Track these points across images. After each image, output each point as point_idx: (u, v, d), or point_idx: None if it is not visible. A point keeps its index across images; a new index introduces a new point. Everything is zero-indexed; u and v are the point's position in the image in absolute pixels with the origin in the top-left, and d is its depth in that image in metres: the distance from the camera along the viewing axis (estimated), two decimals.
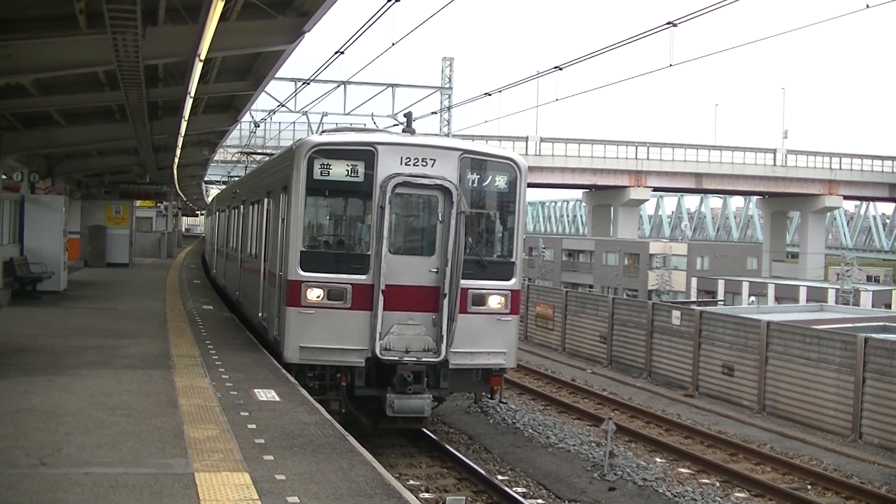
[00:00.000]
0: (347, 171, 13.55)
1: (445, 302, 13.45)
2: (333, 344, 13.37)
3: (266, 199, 16.90)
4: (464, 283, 13.58)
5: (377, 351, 13.25)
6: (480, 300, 13.93)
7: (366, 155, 13.48)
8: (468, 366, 14.03)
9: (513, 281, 14.27)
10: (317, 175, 13.49)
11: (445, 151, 13.82)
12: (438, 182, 13.46)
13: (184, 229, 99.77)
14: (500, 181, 14.17)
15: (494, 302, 14.03)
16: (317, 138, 14.26)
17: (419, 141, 14.21)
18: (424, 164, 13.49)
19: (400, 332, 13.42)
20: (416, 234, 14.18)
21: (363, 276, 13.39)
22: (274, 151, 33.04)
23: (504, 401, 19.29)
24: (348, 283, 13.39)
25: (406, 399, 13.19)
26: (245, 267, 20.28)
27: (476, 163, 13.99)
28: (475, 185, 14.05)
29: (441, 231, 13.58)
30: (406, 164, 13.44)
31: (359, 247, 13.86)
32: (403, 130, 15.40)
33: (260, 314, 16.58)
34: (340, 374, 13.52)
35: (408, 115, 15.91)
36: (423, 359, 13.42)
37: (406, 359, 13.32)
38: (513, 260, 14.33)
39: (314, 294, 13.39)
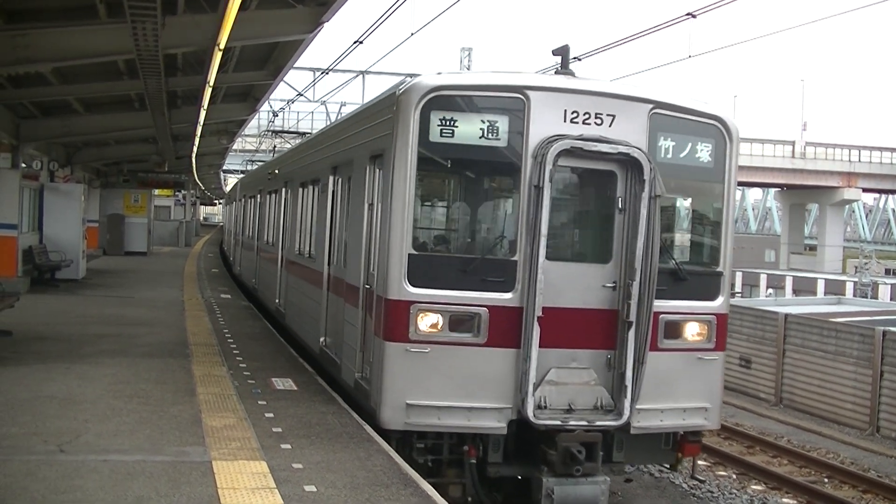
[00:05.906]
0: (483, 130, 8.92)
1: (631, 333, 9.00)
2: (459, 400, 8.84)
3: (332, 178, 12.32)
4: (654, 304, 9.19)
5: (529, 410, 8.74)
6: (675, 330, 9.44)
7: (511, 105, 8.98)
8: (656, 429, 9.49)
9: (719, 301, 9.71)
10: (434, 136, 8.87)
11: (630, 104, 9.27)
12: (623, 150, 8.97)
13: (202, 218, 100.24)
14: (703, 152, 9.65)
15: (693, 332, 9.55)
16: (434, 79, 9.09)
17: (591, 86, 9.33)
18: (598, 121, 9.07)
19: (559, 378, 9.01)
20: (583, 229, 10.01)
21: (507, 295, 8.91)
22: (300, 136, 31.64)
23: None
24: (483, 304, 8.87)
25: (573, 486, 8.80)
26: (292, 271, 15.84)
27: (671, 122, 9.47)
28: (668, 156, 9.44)
29: (621, 225, 9.20)
30: (572, 121, 9.01)
31: (499, 249, 9.31)
32: (557, 72, 10.18)
33: (322, 340, 12.35)
34: (468, 446, 9.02)
35: (563, 50, 10.28)
36: (598, 422, 8.97)
37: (573, 422, 8.86)
38: (719, 269, 9.80)
39: (429, 322, 8.83)
